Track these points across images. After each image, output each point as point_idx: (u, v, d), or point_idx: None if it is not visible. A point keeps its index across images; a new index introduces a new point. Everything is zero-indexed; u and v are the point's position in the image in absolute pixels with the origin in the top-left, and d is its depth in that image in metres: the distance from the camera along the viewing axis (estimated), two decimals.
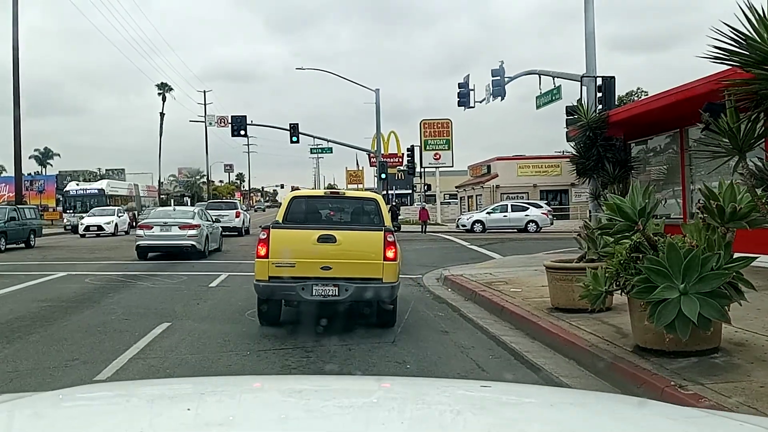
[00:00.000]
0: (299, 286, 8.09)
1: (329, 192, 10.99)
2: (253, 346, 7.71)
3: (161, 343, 7.89)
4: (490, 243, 25.92)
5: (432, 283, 14.40)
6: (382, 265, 8.21)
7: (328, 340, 7.75)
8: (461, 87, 29.26)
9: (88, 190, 45.00)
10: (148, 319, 9.37)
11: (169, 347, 7.64)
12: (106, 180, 52.41)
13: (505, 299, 10.45)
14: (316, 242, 8.16)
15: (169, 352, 7.40)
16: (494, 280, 13.09)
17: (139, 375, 6.40)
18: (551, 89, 22.18)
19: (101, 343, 7.90)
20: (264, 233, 8.38)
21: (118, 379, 6.09)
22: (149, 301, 11.32)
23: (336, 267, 8.14)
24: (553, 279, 9.25)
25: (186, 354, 7.37)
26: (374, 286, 8.19)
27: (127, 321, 9.35)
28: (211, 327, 8.95)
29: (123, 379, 6.01)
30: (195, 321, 9.47)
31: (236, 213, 31.78)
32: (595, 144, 16.60)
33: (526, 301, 10.26)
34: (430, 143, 43.76)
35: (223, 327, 8.94)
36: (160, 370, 6.60)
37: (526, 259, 18.19)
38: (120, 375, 6.39)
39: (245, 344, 7.84)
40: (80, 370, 6.66)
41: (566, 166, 46.17)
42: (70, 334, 8.48)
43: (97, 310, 10.44)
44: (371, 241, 8.35)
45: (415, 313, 10.16)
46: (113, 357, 7.07)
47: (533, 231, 33.84)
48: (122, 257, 20.45)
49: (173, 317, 9.59)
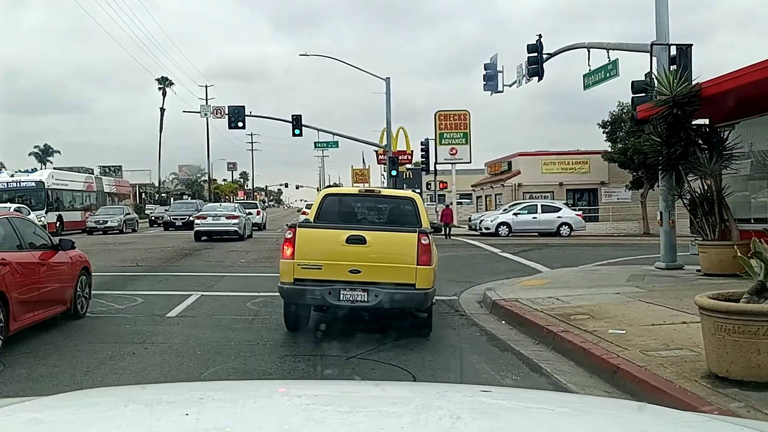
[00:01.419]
0: (326, 290, 7.63)
1: (364, 190, 9.85)
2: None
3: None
4: (524, 249, 22.07)
5: (474, 309, 10.62)
6: (415, 269, 7.65)
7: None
8: (487, 68, 25.43)
9: (22, 183, 35.27)
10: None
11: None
12: (48, 170, 40.98)
13: (611, 352, 6.65)
14: (345, 243, 7.68)
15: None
16: (568, 309, 9.28)
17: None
18: (604, 65, 18.29)
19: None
20: (290, 232, 7.88)
21: None
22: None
23: (366, 270, 7.64)
24: (721, 329, 5.40)
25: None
26: (407, 292, 7.68)
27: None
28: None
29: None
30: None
31: (257, 211, 38.65)
32: (684, 126, 12.78)
33: (647, 355, 6.45)
34: (445, 137, 39.92)
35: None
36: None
37: (585, 274, 14.36)
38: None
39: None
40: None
41: (595, 162, 42.31)
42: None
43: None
44: (404, 243, 7.80)
45: (471, 371, 6.43)
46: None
47: (566, 235, 29.98)
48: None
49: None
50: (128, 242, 26.25)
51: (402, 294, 7.67)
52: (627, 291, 10.87)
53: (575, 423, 1.86)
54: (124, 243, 25.52)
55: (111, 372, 6.32)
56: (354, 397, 2.14)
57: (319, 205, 8.80)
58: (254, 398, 2.06)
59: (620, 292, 10.73)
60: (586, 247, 24.47)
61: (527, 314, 9.02)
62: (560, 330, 7.83)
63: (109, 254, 20.08)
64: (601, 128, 38.43)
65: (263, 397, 2.12)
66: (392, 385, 3.06)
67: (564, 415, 1.95)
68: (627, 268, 15.66)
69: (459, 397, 2.14)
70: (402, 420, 1.77)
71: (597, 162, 40.08)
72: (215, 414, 1.85)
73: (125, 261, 17.71)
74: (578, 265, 17.03)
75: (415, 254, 7.67)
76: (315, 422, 1.69)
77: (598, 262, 17.88)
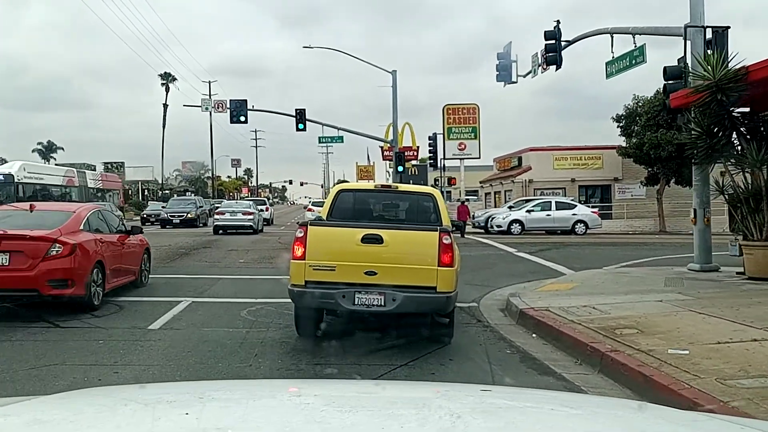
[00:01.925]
0: (339, 293, 7.13)
1: (380, 186, 9.32)
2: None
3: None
4: (541, 249, 20.82)
5: (498, 318, 9.43)
6: (436, 271, 7.15)
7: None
8: (501, 58, 24.24)
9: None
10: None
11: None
12: (19, 162, 33.92)
13: (680, 381, 5.43)
14: (360, 243, 7.21)
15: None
16: (609, 321, 8.06)
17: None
18: (630, 51, 17.00)
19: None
20: (301, 231, 7.35)
21: None
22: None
23: (382, 272, 7.16)
24: None
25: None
26: (427, 296, 7.18)
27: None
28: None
29: None
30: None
31: (266, 207, 41.70)
32: (729, 114, 11.52)
33: (727, 385, 5.23)
34: (454, 131, 38.65)
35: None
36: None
37: (614, 277, 13.12)
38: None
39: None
40: None
41: (608, 158, 40.94)
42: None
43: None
44: (424, 242, 7.33)
45: None
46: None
47: (581, 233, 28.68)
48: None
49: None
50: None
51: (422, 298, 7.14)
52: (671, 299, 9.64)
53: (576, 422, 1.86)
54: None
55: None
56: (354, 396, 2.12)
57: (332, 202, 8.26)
58: (254, 398, 2.04)
59: (663, 300, 9.50)
60: (605, 246, 23.21)
61: (563, 327, 7.80)
62: (608, 349, 6.61)
63: None
64: (615, 122, 37.08)
65: (263, 396, 2.10)
66: (392, 385, 2.97)
67: (564, 414, 1.95)
68: (657, 270, 14.41)
69: (459, 397, 2.14)
70: (402, 419, 1.75)
71: (610, 157, 38.77)
72: (215, 413, 1.84)
73: None
74: (602, 266, 15.81)
75: (436, 254, 7.14)
76: (315, 422, 1.68)
77: (623, 263, 16.65)
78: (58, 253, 8.94)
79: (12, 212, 10.92)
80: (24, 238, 8.94)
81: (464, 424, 1.70)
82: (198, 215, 36.42)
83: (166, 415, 1.78)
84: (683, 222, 36.53)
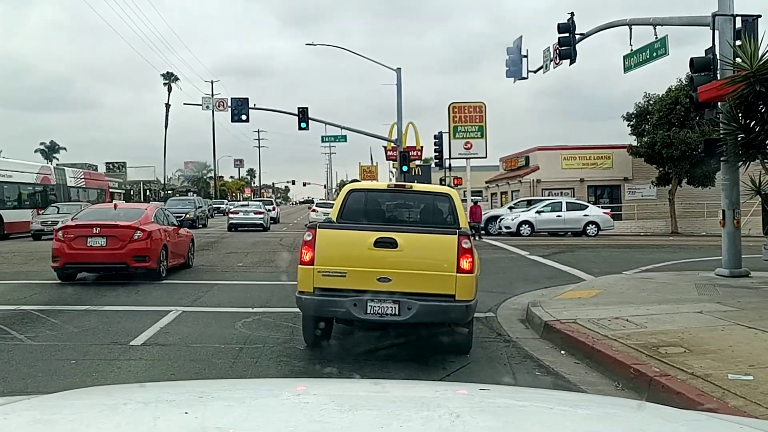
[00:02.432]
0: (350, 301, 6.59)
1: (393, 185, 8.42)
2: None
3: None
4: (554, 252, 19.87)
5: (520, 331, 8.56)
6: (455, 278, 6.64)
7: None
8: (511, 53, 23.27)
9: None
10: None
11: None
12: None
13: (756, 417, 4.51)
14: (373, 247, 6.70)
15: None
16: (648, 336, 7.16)
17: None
18: (650, 43, 16.06)
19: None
20: (309, 234, 6.85)
21: None
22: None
23: (397, 279, 6.64)
24: None
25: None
26: (445, 304, 6.66)
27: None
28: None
29: None
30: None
31: (273, 207, 44.94)
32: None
33: None
34: (460, 130, 37.55)
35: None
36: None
37: (639, 283, 12.19)
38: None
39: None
40: None
41: (618, 157, 39.95)
42: None
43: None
44: (442, 247, 6.80)
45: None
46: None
47: (593, 234, 27.72)
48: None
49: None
50: None
51: (439, 307, 6.66)
52: (711, 309, 8.72)
53: (575, 421, 1.86)
54: None
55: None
56: (353, 395, 2.10)
57: (343, 203, 7.70)
58: (254, 397, 2.04)
59: (703, 311, 8.58)
60: (620, 248, 22.26)
61: (598, 344, 6.89)
62: (656, 372, 5.71)
63: None
64: (625, 120, 36.14)
65: (263, 396, 2.10)
66: (392, 384, 2.90)
67: (564, 414, 1.95)
68: (682, 275, 13.47)
69: (459, 396, 2.13)
70: (401, 418, 1.74)
71: (620, 157, 37.80)
72: (215, 413, 1.81)
73: None
74: (621, 270, 14.88)
75: (454, 260, 6.67)
76: (314, 421, 1.67)
77: (643, 267, 15.73)
78: (139, 238, 12.28)
79: (102, 209, 15.35)
80: (116, 227, 12.35)
81: (464, 424, 1.71)
82: (197, 216, 35.40)
83: (165, 414, 1.76)
84: (695, 223, 35.60)
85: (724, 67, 12.49)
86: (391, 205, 8.05)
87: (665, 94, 34.14)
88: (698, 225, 35.24)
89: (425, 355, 7.18)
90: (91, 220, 12.85)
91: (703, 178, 34.03)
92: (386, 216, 7.89)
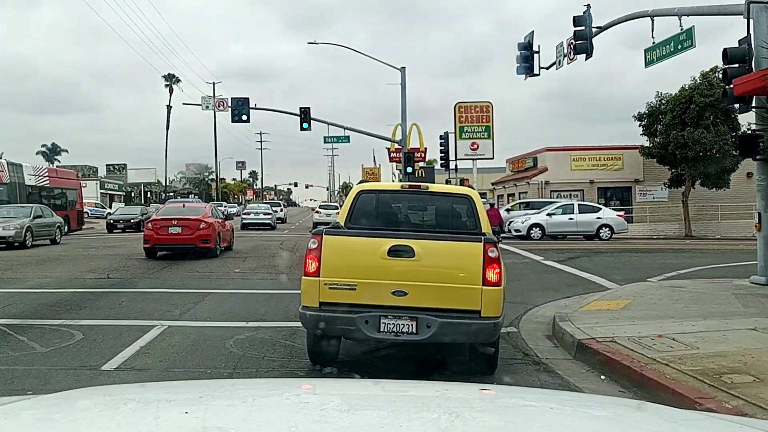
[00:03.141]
0: (361, 318, 5.87)
1: (408, 186, 7.61)
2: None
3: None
4: (570, 257, 18.86)
5: (548, 350, 7.58)
6: (480, 291, 5.90)
7: None
8: (523, 49, 22.24)
9: None
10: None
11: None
12: None
13: None
14: (387, 256, 5.96)
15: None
16: (704, 359, 6.16)
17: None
18: (675, 36, 15.08)
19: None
20: (314, 241, 6.11)
21: None
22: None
23: (414, 292, 5.92)
24: None
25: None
26: (469, 322, 5.91)
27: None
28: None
29: None
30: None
31: (281, 209, 49.80)
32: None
33: None
34: (466, 130, 36.54)
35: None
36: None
37: (670, 292, 11.17)
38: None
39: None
40: None
41: (628, 158, 38.86)
42: None
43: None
44: (465, 255, 6.04)
45: None
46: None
47: (606, 238, 26.67)
48: None
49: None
50: (114, 245, 23.28)
51: (463, 324, 5.93)
52: (765, 325, 7.71)
53: (575, 421, 1.84)
54: (107, 247, 22.53)
55: None
56: (353, 395, 2.09)
57: (351, 205, 6.86)
58: (253, 397, 2.01)
59: (757, 328, 7.58)
60: (637, 253, 21.25)
61: (647, 371, 5.88)
62: (731, 410, 4.70)
63: (82, 261, 17.09)
64: (636, 120, 35.13)
65: (264, 396, 2.08)
66: (391, 384, 2.82)
67: (563, 413, 1.94)
68: (715, 283, 12.46)
69: (459, 396, 2.11)
70: (401, 417, 1.74)
71: (631, 158, 36.79)
72: (216, 412, 1.78)
73: (96, 271, 14.69)
74: (645, 277, 13.91)
75: (480, 270, 5.93)
76: (314, 421, 1.66)
77: (667, 274, 14.74)
78: (203, 227, 17.60)
79: (175, 208, 20.91)
80: (188, 220, 17.69)
81: (463, 423, 1.70)
82: None
83: (166, 414, 1.75)
84: (709, 226, 34.55)
85: (760, 58, 11.55)
86: (405, 207, 7.23)
87: (678, 93, 33.12)
88: (712, 228, 34.21)
89: (444, 374, 6.35)
90: (170, 215, 18.38)
91: (718, 179, 33.02)
92: (400, 220, 7.09)
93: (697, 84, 32.39)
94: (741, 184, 34.21)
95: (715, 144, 31.55)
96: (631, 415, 1.94)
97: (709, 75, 32.28)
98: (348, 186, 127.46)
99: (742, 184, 34.45)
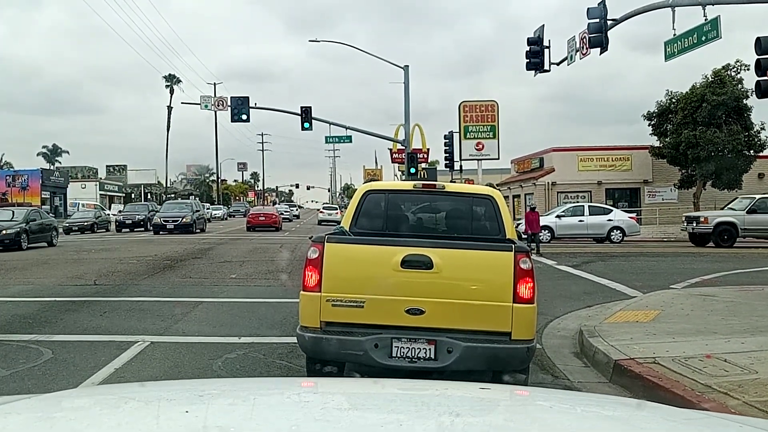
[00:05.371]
0: (370, 341, 5.05)
1: (421, 185, 6.29)
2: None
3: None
4: (584, 261, 17.96)
5: (579, 370, 6.76)
6: (511, 309, 5.09)
7: None
8: (532, 44, 21.39)
9: None
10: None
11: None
12: None
13: None
14: (400, 268, 5.11)
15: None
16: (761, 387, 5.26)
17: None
18: (698, 26, 14.26)
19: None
20: (315, 249, 5.25)
21: None
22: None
23: (432, 311, 5.09)
24: None
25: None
26: (498, 346, 5.07)
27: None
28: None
29: None
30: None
31: (296, 208, 51.25)
32: None
33: None
34: (470, 130, 35.70)
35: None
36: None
37: (702, 302, 10.27)
38: None
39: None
40: None
41: (637, 159, 38.00)
42: None
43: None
44: (492, 266, 5.19)
45: None
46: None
47: (617, 240, 25.80)
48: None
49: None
50: (106, 249, 22.42)
51: (491, 349, 5.09)
52: None
53: (574, 420, 1.83)
54: (100, 250, 21.68)
55: None
56: (354, 394, 2.06)
57: (357, 207, 6.03)
58: (254, 396, 1.98)
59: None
60: (653, 257, 20.37)
61: (707, 403, 4.99)
62: None
63: (70, 266, 16.23)
64: (645, 120, 34.34)
65: (264, 395, 2.05)
66: (392, 383, 2.75)
67: (563, 412, 1.93)
68: (747, 291, 11.60)
69: (459, 395, 2.09)
70: (401, 417, 1.72)
71: (639, 158, 35.97)
72: (216, 411, 1.78)
73: (83, 276, 13.82)
74: (668, 284, 13.01)
75: (510, 285, 5.12)
76: (314, 420, 1.65)
77: (690, 280, 13.87)
78: (275, 218, 39.84)
79: (261, 207, 53.39)
80: (268, 214, 40.43)
81: (464, 423, 1.69)
82: (194, 220, 33.62)
83: (166, 413, 1.73)
84: None
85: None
86: (419, 210, 6.38)
87: (689, 92, 32.30)
88: None
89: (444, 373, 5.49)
90: (260, 212, 40.53)
91: (729, 180, 32.17)
92: (414, 225, 6.28)
93: (709, 82, 31.57)
94: (753, 184, 33.35)
95: (728, 144, 30.70)
96: (631, 415, 1.93)
97: (721, 72, 31.46)
98: (350, 187, 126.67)
99: (754, 185, 33.58)
